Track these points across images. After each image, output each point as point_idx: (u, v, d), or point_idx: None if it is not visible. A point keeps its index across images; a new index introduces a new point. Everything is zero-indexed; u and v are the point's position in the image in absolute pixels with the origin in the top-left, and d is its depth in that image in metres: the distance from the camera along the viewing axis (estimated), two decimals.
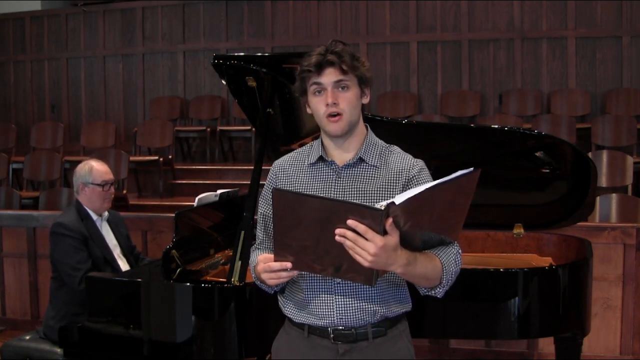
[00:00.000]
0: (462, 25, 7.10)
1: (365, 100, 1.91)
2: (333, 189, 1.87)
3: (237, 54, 2.95)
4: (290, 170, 1.95)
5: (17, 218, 5.03)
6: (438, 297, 1.83)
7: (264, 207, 1.96)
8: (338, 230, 1.57)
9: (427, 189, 1.57)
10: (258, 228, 2.01)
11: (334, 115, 1.83)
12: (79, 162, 3.57)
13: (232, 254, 2.73)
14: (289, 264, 1.70)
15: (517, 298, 2.78)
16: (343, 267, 1.64)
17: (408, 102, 7.16)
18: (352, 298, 1.83)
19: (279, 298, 1.97)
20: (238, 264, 2.67)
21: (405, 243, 1.64)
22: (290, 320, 1.93)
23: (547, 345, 3.91)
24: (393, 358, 1.88)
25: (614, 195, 4.77)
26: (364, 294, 1.83)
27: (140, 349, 2.76)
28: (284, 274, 1.73)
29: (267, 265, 1.75)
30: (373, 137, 1.94)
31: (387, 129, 2.11)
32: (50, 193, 5.81)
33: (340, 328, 1.84)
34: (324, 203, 1.62)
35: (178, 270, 2.78)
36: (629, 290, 3.98)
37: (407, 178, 1.85)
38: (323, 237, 1.60)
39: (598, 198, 4.56)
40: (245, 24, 7.81)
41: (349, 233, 1.57)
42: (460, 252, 1.84)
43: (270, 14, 7.68)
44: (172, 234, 2.88)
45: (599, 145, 6.04)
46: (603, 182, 5.23)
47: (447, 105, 7.03)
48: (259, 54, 4.84)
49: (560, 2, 6.81)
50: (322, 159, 1.91)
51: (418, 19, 7.23)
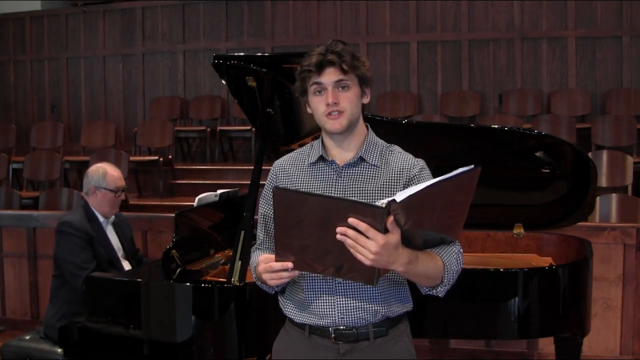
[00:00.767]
0: (462, 25, 7.10)
1: (366, 100, 1.90)
2: (333, 189, 1.86)
3: (237, 54, 2.95)
4: (291, 170, 1.94)
5: (17, 218, 5.03)
6: (440, 296, 1.83)
7: (265, 207, 1.96)
8: (339, 229, 1.56)
9: (427, 186, 1.57)
10: (259, 228, 2.01)
11: (334, 114, 1.83)
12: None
13: (232, 254, 2.73)
14: (290, 264, 1.69)
15: (517, 298, 2.78)
16: (344, 266, 1.64)
17: (408, 102, 7.16)
18: (353, 298, 1.82)
19: (280, 298, 1.96)
20: (238, 264, 2.67)
21: (407, 242, 1.64)
22: (291, 321, 1.93)
23: (547, 345, 3.90)
24: (394, 358, 1.87)
25: (614, 195, 4.77)
26: (365, 294, 1.82)
27: (140, 349, 2.76)
28: (285, 274, 1.72)
29: (268, 266, 1.74)
30: (374, 136, 1.94)
31: (387, 129, 2.11)
32: (50, 193, 5.80)
33: (342, 328, 1.84)
34: (325, 201, 1.61)
35: (178, 270, 2.78)
36: (629, 290, 3.98)
37: (407, 178, 1.85)
38: (324, 236, 1.59)
39: (598, 198, 4.56)
40: (245, 24, 7.81)
41: (350, 231, 1.56)
42: (462, 251, 1.83)
43: (270, 14, 7.68)
44: (172, 234, 2.89)
45: (599, 145, 6.04)
46: (603, 182, 5.23)
47: (447, 105, 7.03)
48: (259, 54, 4.83)
49: (560, 2, 6.80)
50: (322, 159, 1.90)
51: (418, 19, 7.23)
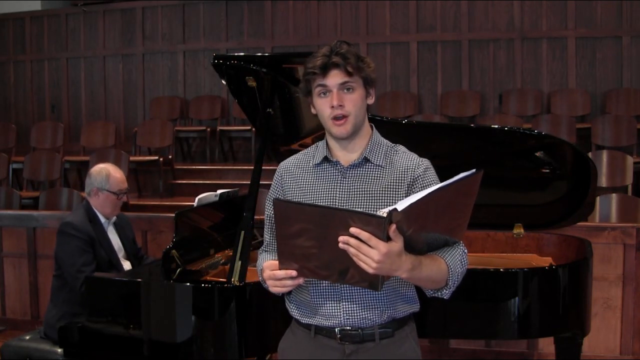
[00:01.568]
0: (462, 25, 7.10)
1: (371, 101, 1.89)
2: (338, 190, 1.85)
3: (237, 54, 2.95)
4: (296, 172, 1.94)
5: (17, 218, 5.03)
6: (445, 298, 1.82)
7: (270, 209, 1.93)
8: (341, 238, 1.55)
9: (429, 194, 1.56)
10: (265, 230, 2.00)
11: (339, 119, 1.81)
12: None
13: (232, 254, 2.72)
14: (294, 272, 1.69)
15: (517, 298, 2.78)
16: (348, 273, 1.63)
17: (408, 102, 7.15)
18: (359, 299, 1.82)
19: (286, 299, 1.96)
20: (238, 264, 2.66)
21: (410, 247, 1.63)
22: (297, 321, 1.92)
23: (547, 345, 3.90)
24: (399, 359, 1.87)
25: (614, 195, 4.77)
26: (371, 295, 1.82)
27: (140, 349, 2.76)
28: (289, 282, 1.72)
29: (272, 274, 1.74)
30: (378, 136, 1.93)
31: (387, 129, 2.10)
32: (50, 193, 5.80)
33: (347, 328, 1.83)
34: (326, 212, 1.60)
35: (178, 270, 2.78)
36: (629, 290, 3.98)
37: (412, 177, 1.84)
38: (326, 245, 1.59)
39: (598, 198, 4.55)
40: (245, 24, 7.81)
41: (352, 240, 1.55)
42: (466, 251, 1.83)
43: (270, 14, 7.68)
44: (172, 234, 2.88)
45: (599, 145, 6.04)
46: (603, 182, 5.23)
47: (447, 105, 7.02)
48: (259, 54, 4.82)
49: (560, 2, 6.80)
50: (327, 160, 1.90)
51: (418, 19, 7.23)
